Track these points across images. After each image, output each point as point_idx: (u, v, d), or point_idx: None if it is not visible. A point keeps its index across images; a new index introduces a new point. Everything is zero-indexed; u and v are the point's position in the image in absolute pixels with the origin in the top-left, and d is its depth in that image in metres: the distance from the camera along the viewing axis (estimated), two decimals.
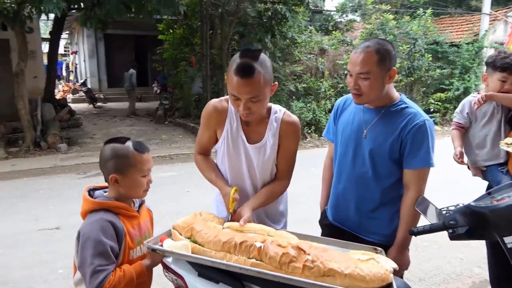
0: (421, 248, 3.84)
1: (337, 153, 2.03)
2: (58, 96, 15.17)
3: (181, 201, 5.24)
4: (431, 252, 3.79)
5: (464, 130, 2.64)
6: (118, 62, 18.52)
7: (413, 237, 1.75)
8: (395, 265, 1.45)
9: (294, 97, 10.59)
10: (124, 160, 1.55)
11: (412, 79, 11.39)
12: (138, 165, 1.56)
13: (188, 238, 1.53)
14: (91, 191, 1.63)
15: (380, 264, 1.41)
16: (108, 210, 1.54)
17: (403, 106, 1.83)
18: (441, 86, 12.07)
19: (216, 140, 1.90)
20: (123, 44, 18.46)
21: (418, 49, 11.35)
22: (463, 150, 2.66)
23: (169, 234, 1.60)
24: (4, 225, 4.46)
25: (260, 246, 1.39)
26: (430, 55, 11.61)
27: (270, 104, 1.85)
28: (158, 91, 15.02)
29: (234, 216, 1.69)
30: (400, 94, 1.89)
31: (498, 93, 2.45)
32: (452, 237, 1.50)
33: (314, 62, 11.33)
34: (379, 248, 1.67)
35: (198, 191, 5.49)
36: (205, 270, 1.50)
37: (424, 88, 11.96)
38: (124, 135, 1.75)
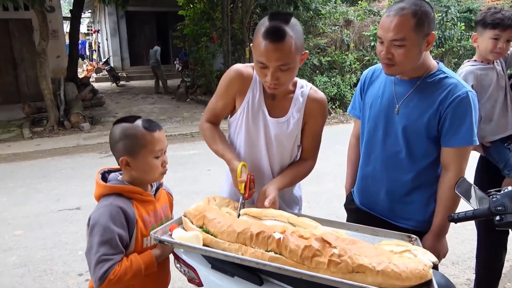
0: (453, 229, 3.61)
1: (365, 131, 1.82)
2: (82, 75, 15.29)
3: (202, 181, 5.14)
4: (465, 234, 3.56)
5: None
6: (140, 40, 18.47)
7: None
8: (434, 259, 1.27)
9: (317, 71, 10.27)
10: (133, 140, 1.41)
11: (443, 50, 10.79)
12: (149, 145, 1.42)
13: (200, 227, 1.38)
14: (106, 173, 1.52)
15: (417, 258, 1.24)
16: (120, 194, 1.41)
17: (441, 76, 1.59)
18: None
19: (231, 110, 1.74)
20: (145, 21, 18.33)
21: (450, 17, 10.69)
22: None
23: (179, 222, 1.46)
24: (26, 206, 4.48)
25: (280, 238, 1.23)
26: (463, 24, 10.93)
27: (295, 78, 1.67)
28: (180, 68, 14.88)
29: (247, 195, 1.54)
30: (438, 63, 1.65)
31: None
32: (500, 224, 1.31)
33: (339, 34, 10.92)
34: (414, 236, 1.50)
35: (219, 170, 5.34)
36: (219, 263, 1.36)
37: (456, 60, 11.32)
38: (146, 114, 1.60)
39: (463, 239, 3.49)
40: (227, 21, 9.90)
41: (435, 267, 1.67)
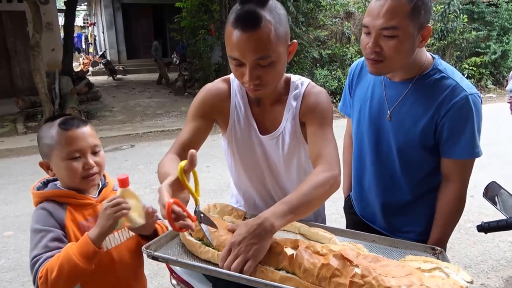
0: (464, 230, 3.46)
1: (356, 134, 1.63)
2: (79, 69, 15.06)
3: (201, 178, 4.84)
4: (477, 235, 3.40)
5: None
6: (137, 33, 18.22)
7: None
8: (469, 278, 1.10)
9: (318, 64, 10.09)
10: (46, 141, 1.30)
11: (445, 42, 10.63)
12: (60, 145, 1.26)
13: (200, 240, 1.21)
14: (50, 183, 1.38)
15: (450, 278, 1.07)
16: (52, 200, 1.29)
17: (437, 76, 1.37)
18: (476, 49, 11.31)
19: (208, 133, 1.39)
20: (141, 14, 18.10)
21: (453, 9, 10.50)
22: None
23: (175, 235, 1.28)
24: (17, 205, 4.31)
25: (292, 254, 1.07)
26: (466, 16, 10.78)
27: (288, 74, 1.40)
28: (177, 61, 14.69)
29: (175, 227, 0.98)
30: (434, 58, 1.42)
31: None
32: None
33: (339, 27, 10.76)
34: (438, 248, 1.32)
35: (218, 167, 5.21)
36: (222, 282, 1.19)
37: (458, 52, 11.19)
38: (143, 108, 1.42)
39: (475, 240, 3.34)
40: (225, 13, 9.69)
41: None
